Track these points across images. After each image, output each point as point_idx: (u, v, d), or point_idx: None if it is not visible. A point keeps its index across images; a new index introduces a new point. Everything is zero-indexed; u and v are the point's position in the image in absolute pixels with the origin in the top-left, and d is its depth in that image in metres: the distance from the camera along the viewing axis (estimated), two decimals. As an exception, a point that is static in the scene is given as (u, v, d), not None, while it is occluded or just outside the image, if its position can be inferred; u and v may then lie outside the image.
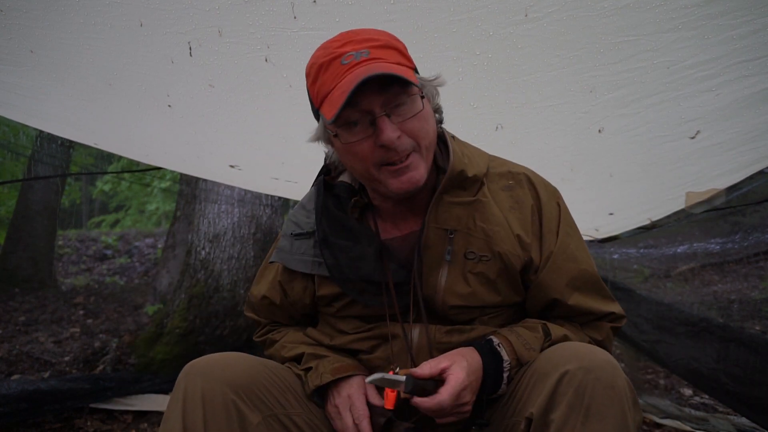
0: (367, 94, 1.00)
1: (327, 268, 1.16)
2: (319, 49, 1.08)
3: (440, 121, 1.20)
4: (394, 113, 1.04)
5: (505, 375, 1.11)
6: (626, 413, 0.95)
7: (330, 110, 1.01)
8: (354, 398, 1.15)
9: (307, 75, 1.08)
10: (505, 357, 1.10)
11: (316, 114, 1.12)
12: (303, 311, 1.33)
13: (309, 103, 1.13)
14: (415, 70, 1.13)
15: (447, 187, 1.13)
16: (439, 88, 1.15)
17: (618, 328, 1.24)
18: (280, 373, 1.18)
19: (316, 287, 1.24)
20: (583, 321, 1.23)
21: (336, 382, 1.19)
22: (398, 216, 1.19)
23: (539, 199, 1.19)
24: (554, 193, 1.23)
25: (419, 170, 1.07)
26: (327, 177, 1.28)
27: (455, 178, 1.13)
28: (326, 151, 1.23)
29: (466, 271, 1.14)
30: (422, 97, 1.06)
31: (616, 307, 1.24)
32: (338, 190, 1.22)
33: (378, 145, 1.04)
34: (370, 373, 1.15)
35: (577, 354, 1.00)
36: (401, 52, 1.08)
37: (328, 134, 1.10)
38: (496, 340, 1.13)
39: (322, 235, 1.17)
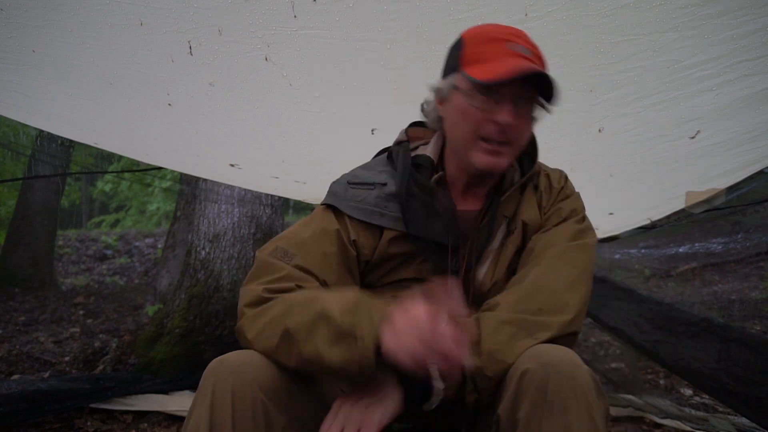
0: (514, 81, 1.12)
1: (405, 221, 1.23)
2: (491, 24, 1.21)
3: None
4: (520, 106, 1.17)
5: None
6: (591, 403, 0.96)
7: (482, 74, 1.13)
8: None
9: (466, 37, 1.21)
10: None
11: (452, 70, 1.23)
12: (341, 269, 1.23)
13: (444, 60, 1.28)
14: None
15: (524, 184, 1.30)
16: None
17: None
18: (303, 374, 1.14)
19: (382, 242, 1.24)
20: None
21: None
22: (468, 192, 1.31)
23: (565, 189, 1.33)
24: (580, 201, 1.34)
25: (503, 159, 1.21)
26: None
27: (530, 179, 1.31)
28: (425, 106, 1.34)
29: (506, 259, 1.26)
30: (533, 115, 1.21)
31: None
32: (420, 160, 1.30)
33: (490, 120, 1.16)
34: None
35: (535, 352, 1.03)
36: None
37: (450, 91, 1.22)
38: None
39: (408, 189, 1.23)
